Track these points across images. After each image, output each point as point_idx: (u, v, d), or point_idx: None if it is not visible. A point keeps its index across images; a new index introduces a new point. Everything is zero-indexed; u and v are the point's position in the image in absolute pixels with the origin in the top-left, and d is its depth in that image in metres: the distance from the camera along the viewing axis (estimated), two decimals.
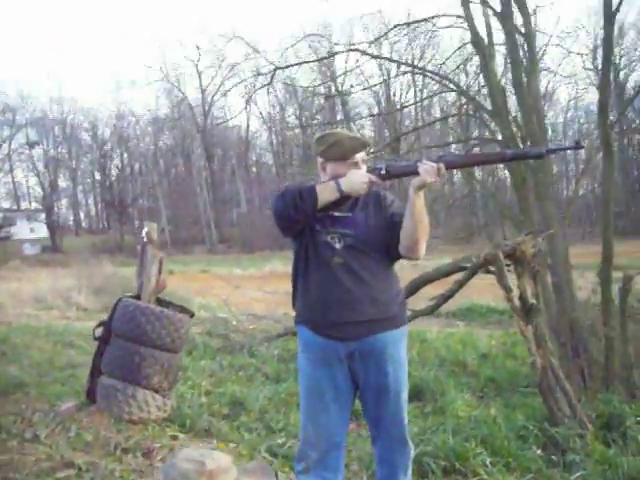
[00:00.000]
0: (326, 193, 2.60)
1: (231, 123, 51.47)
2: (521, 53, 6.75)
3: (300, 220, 2.63)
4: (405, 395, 2.80)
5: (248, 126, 52.76)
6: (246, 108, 49.57)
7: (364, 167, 2.72)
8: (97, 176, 59.19)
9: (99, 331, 4.29)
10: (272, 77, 8.38)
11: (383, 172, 2.69)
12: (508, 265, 4.49)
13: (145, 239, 4.21)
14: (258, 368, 6.75)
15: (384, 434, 2.78)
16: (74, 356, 7.29)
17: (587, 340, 6.33)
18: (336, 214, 2.69)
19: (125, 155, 58.58)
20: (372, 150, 7.26)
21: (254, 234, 43.45)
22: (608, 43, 6.24)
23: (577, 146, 2.71)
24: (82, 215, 64.76)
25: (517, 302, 4.41)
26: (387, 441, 2.78)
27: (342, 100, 34.03)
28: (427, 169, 2.53)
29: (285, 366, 6.74)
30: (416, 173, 2.57)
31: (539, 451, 4.08)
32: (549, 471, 3.79)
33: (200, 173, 51.26)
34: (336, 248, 2.67)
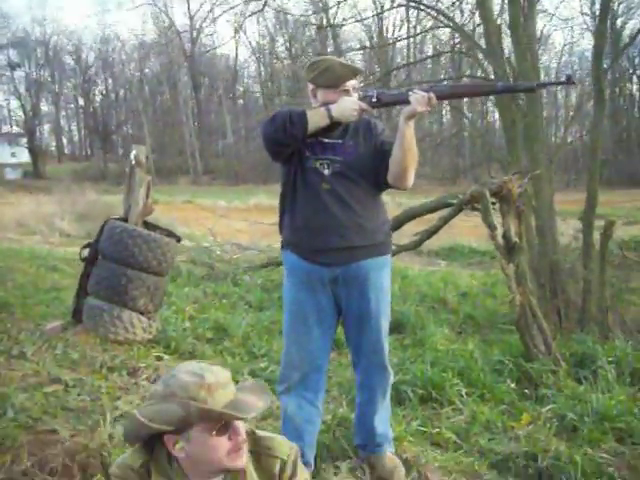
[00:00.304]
0: (316, 118, 2.60)
1: (219, 52, 50.44)
2: None
3: (290, 144, 2.63)
4: (386, 322, 2.85)
5: (237, 55, 51.79)
6: (235, 37, 48.46)
7: (355, 95, 2.71)
8: (80, 102, 57.96)
9: (86, 252, 4.30)
10: (264, 4, 8.19)
11: (374, 100, 2.69)
12: (494, 203, 4.52)
13: (133, 162, 4.18)
14: (241, 296, 6.83)
15: (365, 360, 2.84)
16: (58, 280, 7.32)
17: (565, 282, 6.47)
18: (326, 140, 2.70)
19: (110, 81, 57.35)
20: (362, 83, 7.19)
21: (240, 166, 43.17)
22: None
23: (568, 81, 2.67)
24: (65, 141, 63.74)
25: (500, 240, 4.46)
26: (367, 367, 2.85)
27: (333, 33, 33.27)
28: (418, 98, 2.54)
29: (268, 295, 6.83)
30: (407, 102, 2.58)
31: (513, 384, 4.22)
32: (522, 403, 3.92)
33: (186, 102, 50.41)
34: (324, 174, 2.69)
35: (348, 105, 2.62)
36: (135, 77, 53.69)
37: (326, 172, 2.69)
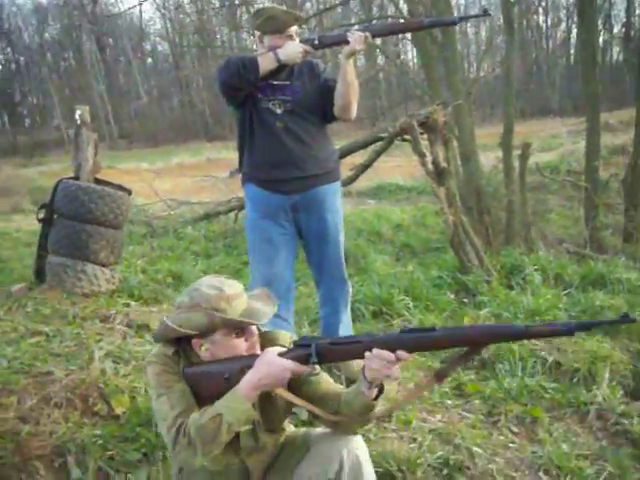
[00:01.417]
0: (266, 62, 2.86)
1: (123, 9, 48.50)
2: None
3: (244, 88, 2.89)
4: (342, 238, 3.22)
5: (141, 13, 50.01)
6: None
7: (297, 39, 2.98)
8: None
9: (41, 214, 4.42)
10: None
11: (316, 42, 2.95)
12: (422, 133, 4.87)
13: (79, 122, 4.30)
14: (187, 248, 7.06)
15: (327, 276, 3.20)
16: None
17: (490, 204, 6.99)
18: (275, 83, 2.96)
19: (8, 49, 54.46)
20: None
21: (156, 127, 42.27)
22: None
23: (485, 14, 3.05)
24: None
25: (430, 167, 4.82)
26: (329, 281, 3.21)
27: None
28: (356, 38, 2.84)
29: (213, 244, 7.08)
30: (346, 42, 2.87)
31: (452, 295, 4.70)
32: (462, 310, 4.38)
33: (93, 66, 48.60)
34: (277, 113, 2.96)
35: (293, 48, 2.88)
36: (35, 43, 51.18)
37: (279, 111, 2.96)
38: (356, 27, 3.11)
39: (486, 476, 2.48)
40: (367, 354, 1.63)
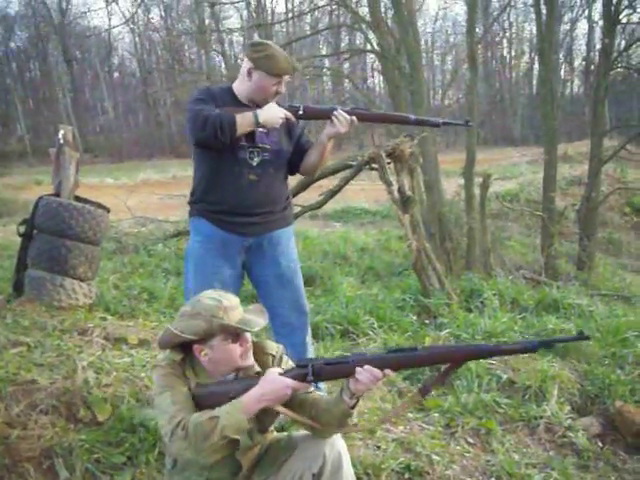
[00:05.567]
0: (245, 123, 2.75)
1: (92, 24, 48.39)
2: None
3: (218, 147, 2.79)
4: (298, 281, 3.17)
5: (110, 27, 49.79)
6: (107, 6, 46.58)
7: (284, 90, 2.93)
8: None
9: (22, 229, 4.54)
10: None
11: (300, 112, 2.92)
12: (388, 163, 5.14)
13: (62, 141, 4.46)
14: (157, 265, 7.18)
15: (280, 318, 3.11)
16: None
17: (452, 231, 7.32)
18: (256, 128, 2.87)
19: None
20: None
21: (122, 142, 42.10)
22: None
23: (466, 124, 3.23)
24: None
25: (396, 195, 5.08)
26: (283, 323, 3.14)
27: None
28: (341, 120, 2.83)
29: (184, 260, 7.21)
30: (329, 117, 2.86)
31: (415, 317, 4.96)
32: (423, 330, 4.63)
33: (60, 78, 48.20)
34: (253, 166, 2.90)
35: (275, 113, 2.82)
36: (0, 52, 50.62)
37: (255, 162, 2.91)
38: (345, 107, 3.01)
39: None
40: (358, 369, 1.88)
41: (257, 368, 2.09)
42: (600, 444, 3.35)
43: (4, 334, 3.84)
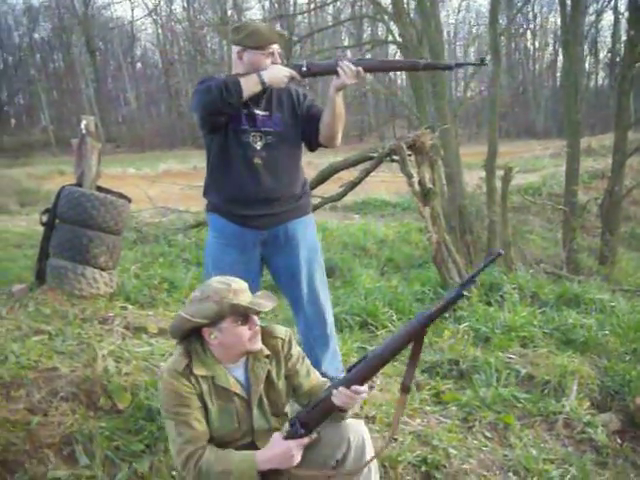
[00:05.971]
0: (250, 84, 2.71)
1: (115, 15, 48.63)
2: None
3: (226, 112, 2.74)
4: (320, 275, 3.11)
5: (133, 19, 50.01)
6: None
7: (279, 60, 2.84)
8: None
9: (45, 218, 4.60)
10: None
11: (304, 69, 2.83)
12: (409, 155, 5.11)
13: (84, 131, 4.50)
14: (178, 255, 7.24)
15: (302, 315, 3.12)
16: None
17: (473, 224, 7.28)
18: (256, 112, 2.85)
19: None
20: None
21: (144, 133, 42.33)
22: None
23: (481, 63, 3.07)
24: None
25: (417, 187, 5.06)
26: (306, 321, 3.12)
27: None
28: (347, 71, 2.70)
29: (204, 252, 7.25)
30: (335, 72, 2.72)
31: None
32: (443, 324, 4.60)
33: (83, 69, 48.54)
34: (257, 149, 2.86)
35: (279, 72, 2.76)
36: (24, 43, 51.04)
37: (259, 145, 2.86)
38: (348, 53, 3.02)
39: (460, 474, 2.71)
40: (334, 392, 1.93)
41: (266, 351, 2.11)
42: (619, 441, 3.32)
43: (26, 322, 3.89)
